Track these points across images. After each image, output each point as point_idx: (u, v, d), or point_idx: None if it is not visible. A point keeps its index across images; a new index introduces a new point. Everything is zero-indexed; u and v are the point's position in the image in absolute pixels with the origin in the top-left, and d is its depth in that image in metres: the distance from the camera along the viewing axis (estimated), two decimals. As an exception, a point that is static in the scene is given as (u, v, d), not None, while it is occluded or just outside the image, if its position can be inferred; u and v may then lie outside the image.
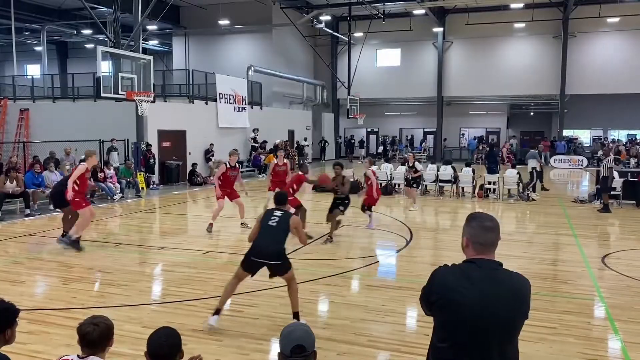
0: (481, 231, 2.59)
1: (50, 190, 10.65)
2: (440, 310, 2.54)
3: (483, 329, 2.46)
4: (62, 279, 7.83)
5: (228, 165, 11.25)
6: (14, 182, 13.30)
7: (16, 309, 3.10)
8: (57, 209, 11.67)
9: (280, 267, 5.83)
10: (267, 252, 5.74)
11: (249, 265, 5.87)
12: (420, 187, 16.99)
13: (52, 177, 14.48)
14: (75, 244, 9.48)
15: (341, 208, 10.54)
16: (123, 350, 4.99)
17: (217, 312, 5.85)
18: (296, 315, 5.91)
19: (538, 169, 17.56)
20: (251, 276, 6.03)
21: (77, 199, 9.49)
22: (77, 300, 6.85)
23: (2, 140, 22.01)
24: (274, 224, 5.79)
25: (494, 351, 2.48)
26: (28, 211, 13.32)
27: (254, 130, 25.95)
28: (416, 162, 16.14)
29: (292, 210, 9.53)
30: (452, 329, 2.51)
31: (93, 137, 17.57)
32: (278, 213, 5.91)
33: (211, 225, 11.22)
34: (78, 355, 2.92)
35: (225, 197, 11.37)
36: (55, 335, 5.64)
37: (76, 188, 9.41)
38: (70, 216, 10.10)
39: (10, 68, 32.57)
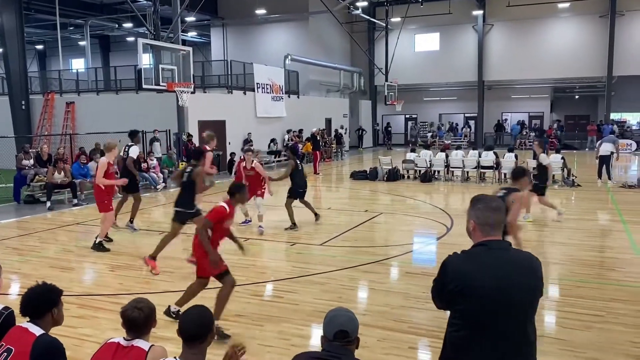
0: (488, 212, 2.57)
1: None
2: (458, 298, 2.47)
3: (504, 311, 2.43)
4: (109, 266, 8.10)
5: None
6: (62, 172, 13.79)
7: (59, 289, 3.18)
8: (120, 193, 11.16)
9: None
10: None
11: None
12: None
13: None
14: (101, 247, 9.01)
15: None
16: (167, 334, 5.11)
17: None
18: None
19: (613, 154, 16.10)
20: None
21: (106, 201, 9.13)
22: (123, 287, 7.08)
23: (50, 132, 22.82)
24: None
25: (516, 331, 2.47)
26: (75, 201, 13.81)
27: (288, 132, 26.03)
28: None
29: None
30: (472, 315, 2.46)
31: (136, 128, 17.94)
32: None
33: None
34: (124, 338, 2.98)
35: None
36: (104, 320, 5.85)
37: (102, 188, 9.01)
38: (124, 202, 10.53)
39: (56, 63, 33.68)
